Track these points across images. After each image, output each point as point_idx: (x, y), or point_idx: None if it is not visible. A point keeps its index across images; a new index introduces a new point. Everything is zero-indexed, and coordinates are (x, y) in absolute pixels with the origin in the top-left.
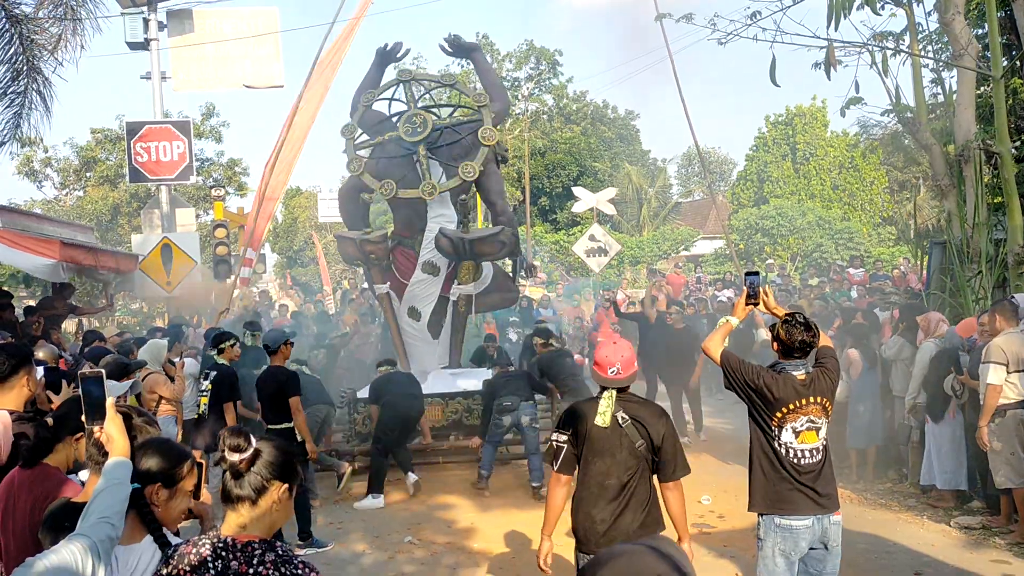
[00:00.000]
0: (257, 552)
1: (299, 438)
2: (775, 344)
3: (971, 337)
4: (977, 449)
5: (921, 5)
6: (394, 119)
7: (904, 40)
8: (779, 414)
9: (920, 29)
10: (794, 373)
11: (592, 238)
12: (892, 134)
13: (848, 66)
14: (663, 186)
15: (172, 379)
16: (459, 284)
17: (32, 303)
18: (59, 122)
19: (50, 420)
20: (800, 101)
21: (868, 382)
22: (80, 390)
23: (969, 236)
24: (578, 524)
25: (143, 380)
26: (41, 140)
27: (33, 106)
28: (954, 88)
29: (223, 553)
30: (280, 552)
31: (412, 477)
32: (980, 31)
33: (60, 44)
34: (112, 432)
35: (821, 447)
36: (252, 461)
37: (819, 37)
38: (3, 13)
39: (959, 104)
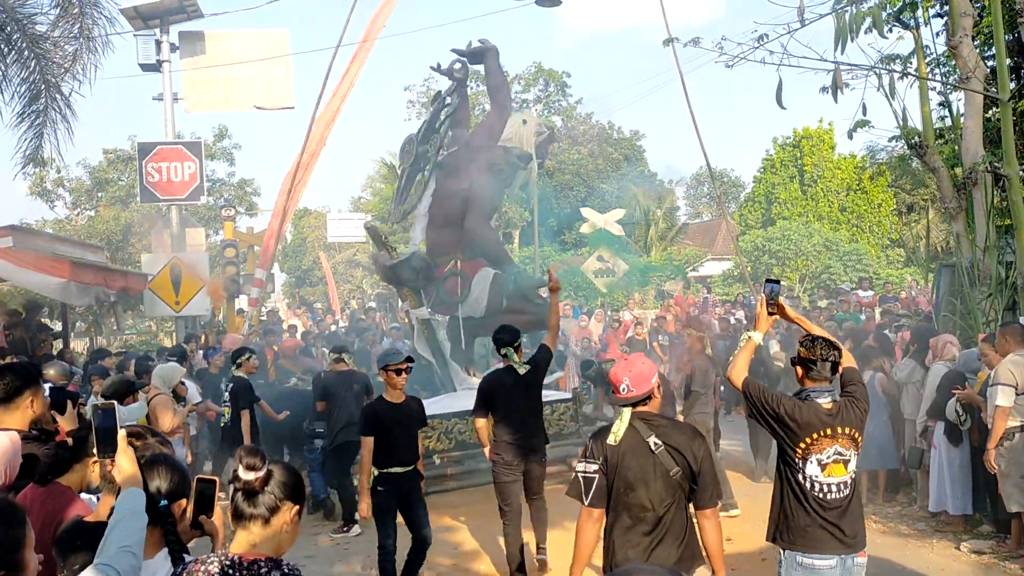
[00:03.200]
0: (263, 570)
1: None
2: (798, 369)
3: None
4: (987, 473)
5: (928, 28)
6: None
7: (911, 63)
8: (803, 444)
9: (927, 52)
10: (819, 401)
11: (600, 259)
12: (900, 157)
13: (855, 89)
14: (670, 207)
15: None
16: (409, 308)
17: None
18: (72, 142)
19: (70, 440)
20: (807, 123)
21: (879, 405)
22: (92, 422)
23: (979, 259)
24: (610, 560)
25: (149, 401)
26: (55, 160)
27: (53, 125)
28: (962, 111)
29: (230, 571)
30: (286, 571)
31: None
32: (988, 53)
33: (76, 62)
34: (123, 464)
35: (849, 481)
36: (266, 480)
37: (826, 60)
38: (21, 34)
39: (967, 127)
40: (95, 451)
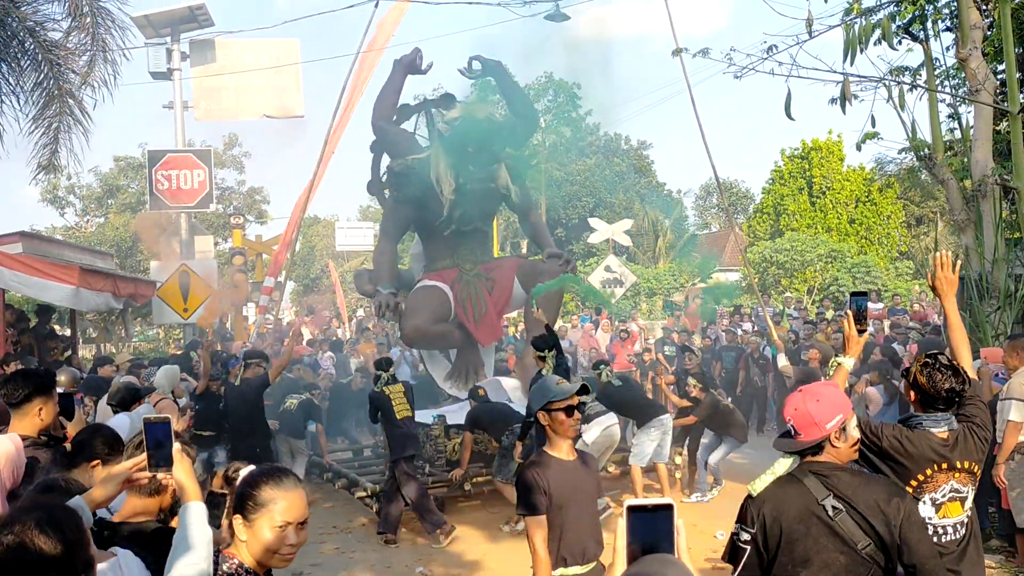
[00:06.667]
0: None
1: None
2: (912, 393)
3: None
4: (994, 487)
5: (938, 40)
6: None
7: (921, 75)
8: (914, 482)
9: (937, 64)
10: (933, 430)
11: (608, 269)
12: (909, 169)
13: (864, 101)
14: (679, 218)
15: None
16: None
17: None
18: (88, 148)
19: (68, 446)
20: (816, 135)
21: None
22: (144, 437)
23: (988, 272)
24: None
25: (155, 406)
26: (66, 167)
27: (68, 132)
28: (971, 123)
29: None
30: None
31: None
32: (997, 66)
33: (91, 71)
34: (181, 479)
35: (966, 520)
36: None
37: (835, 71)
38: (32, 40)
39: (976, 139)
40: (147, 465)
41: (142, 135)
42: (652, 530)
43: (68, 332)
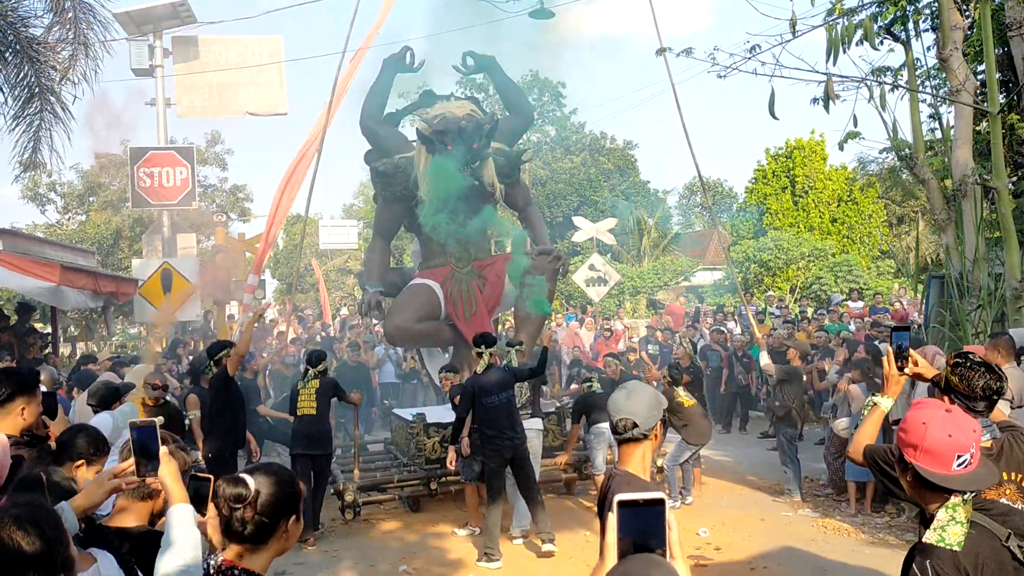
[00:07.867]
0: None
1: None
2: (946, 399)
3: None
4: None
5: (919, 41)
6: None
7: (902, 75)
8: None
9: (918, 64)
10: None
11: (592, 267)
12: (890, 168)
13: (846, 100)
14: (663, 217)
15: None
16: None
17: None
18: (71, 146)
19: (53, 445)
20: (799, 134)
21: None
22: (131, 440)
23: (968, 270)
24: None
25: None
26: (46, 165)
27: (49, 129)
28: (951, 123)
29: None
30: None
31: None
32: (978, 67)
33: (72, 67)
34: (167, 482)
35: None
36: (254, 505)
37: (818, 71)
38: (13, 35)
39: (956, 139)
40: (134, 468)
41: (124, 132)
42: (643, 525)
43: (49, 330)
